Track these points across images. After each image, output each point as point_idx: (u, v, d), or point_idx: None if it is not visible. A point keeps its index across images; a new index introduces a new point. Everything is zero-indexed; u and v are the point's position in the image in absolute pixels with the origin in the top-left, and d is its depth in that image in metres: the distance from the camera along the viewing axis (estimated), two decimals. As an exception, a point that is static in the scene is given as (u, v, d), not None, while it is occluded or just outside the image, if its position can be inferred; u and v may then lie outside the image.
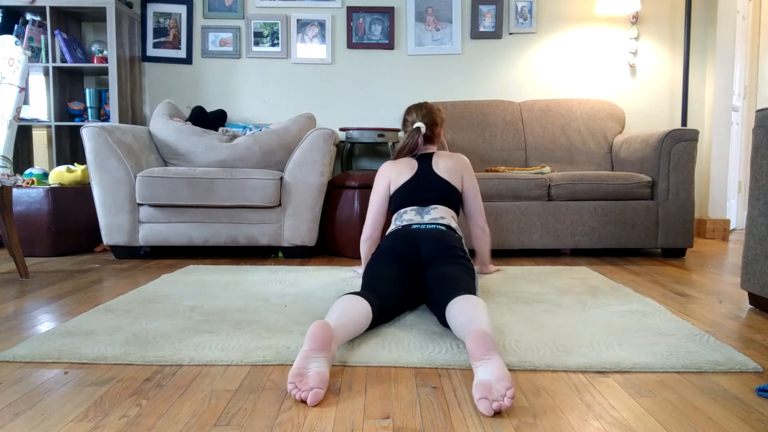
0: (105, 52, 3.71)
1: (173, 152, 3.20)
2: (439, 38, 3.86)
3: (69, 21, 3.70)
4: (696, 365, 1.34)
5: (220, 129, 3.32)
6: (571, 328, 1.64)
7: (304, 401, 1.15)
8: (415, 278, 1.81)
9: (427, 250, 1.84)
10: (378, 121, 3.91)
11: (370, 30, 3.85)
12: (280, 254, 3.05)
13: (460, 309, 1.43)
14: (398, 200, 2.15)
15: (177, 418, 1.08)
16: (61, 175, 3.14)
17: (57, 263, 2.82)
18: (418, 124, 2.22)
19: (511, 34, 3.87)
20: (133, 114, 3.72)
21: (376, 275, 1.73)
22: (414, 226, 1.96)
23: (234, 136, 3.29)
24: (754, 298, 1.94)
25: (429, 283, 1.74)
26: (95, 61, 3.59)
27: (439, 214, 2.03)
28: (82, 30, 3.86)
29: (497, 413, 1.09)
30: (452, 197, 2.14)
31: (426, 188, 2.12)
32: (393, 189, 2.19)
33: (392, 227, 2.08)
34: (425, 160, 2.20)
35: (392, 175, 2.20)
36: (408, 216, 2.05)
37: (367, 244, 2.28)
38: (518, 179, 2.97)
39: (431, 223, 1.98)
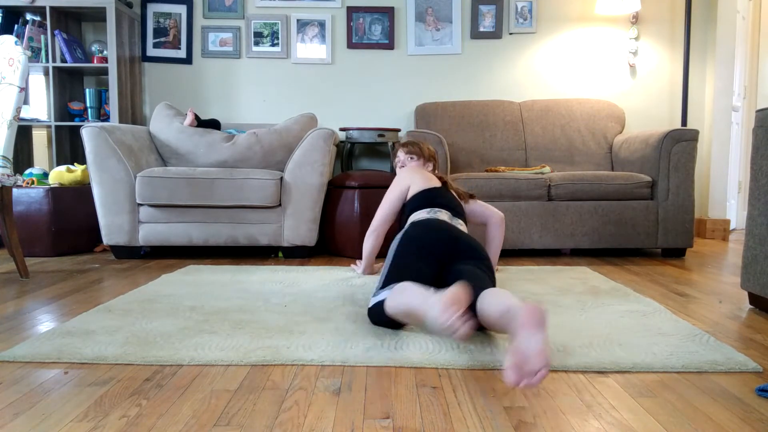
0: (105, 52, 3.71)
1: (174, 152, 3.19)
2: (439, 38, 3.86)
3: (69, 21, 3.70)
4: (696, 365, 1.34)
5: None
6: (571, 328, 1.64)
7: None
8: (439, 270, 1.76)
9: (463, 246, 1.79)
10: (378, 121, 3.91)
11: (370, 30, 3.84)
12: (280, 254, 3.05)
13: (497, 297, 1.40)
14: (425, 201, 2.10)
15: (177, 418, 1.08)
16: (61, 175, 3.14)
17: (57, 263, 2.82)
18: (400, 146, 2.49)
19: (511, 34, 3.87)
20: (133, 114, 3.72)
21: (406, 265, 1.70)
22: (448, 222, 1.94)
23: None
24: (754, 298, 1.94)
25: (457, 276, 1.65)
26: (95, 61, 3.59)
27: (464, 229, 2.03)
28: (82, 30, 3.86)
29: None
30: (464, 217, 2.17)
31: (454, 202, 2.14)
32: (417, 190, 2.17)
33: (417, 218, 1.99)
34: (443, 182, 2.30)
35: (415, 178, 2.22)
36: (441, 215, 1.99)
37: (372, 237, 2.30)
38: (518, 179, 2.97)
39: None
